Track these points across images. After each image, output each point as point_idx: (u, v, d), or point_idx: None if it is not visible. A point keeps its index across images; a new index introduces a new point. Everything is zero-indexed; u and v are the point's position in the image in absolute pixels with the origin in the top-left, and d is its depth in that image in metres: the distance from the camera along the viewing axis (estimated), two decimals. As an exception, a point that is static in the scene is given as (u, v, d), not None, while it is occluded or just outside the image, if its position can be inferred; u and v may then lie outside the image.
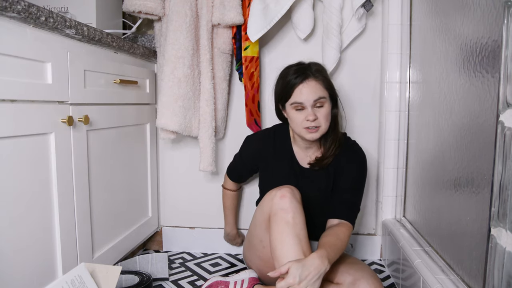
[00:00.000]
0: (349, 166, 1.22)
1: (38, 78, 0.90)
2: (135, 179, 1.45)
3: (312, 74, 1.17)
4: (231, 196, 1.53)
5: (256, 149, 1.34)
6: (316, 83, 1.16)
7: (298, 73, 1.17)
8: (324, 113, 1.16)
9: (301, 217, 1.06)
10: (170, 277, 1.43)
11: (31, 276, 0.89)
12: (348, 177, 1.22)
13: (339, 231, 1.12)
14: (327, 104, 1.17)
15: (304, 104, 1.15)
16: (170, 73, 1.37)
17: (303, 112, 1.16)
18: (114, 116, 1.26)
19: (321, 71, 1.19)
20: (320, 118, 1.15)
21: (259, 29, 1.38)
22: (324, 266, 0.97)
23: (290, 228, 1.03)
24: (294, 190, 1.11)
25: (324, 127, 1.17)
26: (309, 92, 1.14)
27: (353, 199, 1.21)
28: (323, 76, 1.19)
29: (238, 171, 1.45)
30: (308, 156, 1.27)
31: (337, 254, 1.05)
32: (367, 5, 1.40)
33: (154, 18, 1.50)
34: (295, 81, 1.16)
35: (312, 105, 1.15)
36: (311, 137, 1.17)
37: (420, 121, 1.37)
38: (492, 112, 0.81)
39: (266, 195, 1.14)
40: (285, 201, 1.06)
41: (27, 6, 0.84)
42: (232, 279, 1.24)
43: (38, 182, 0.91)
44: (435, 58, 1.19)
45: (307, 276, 0.93)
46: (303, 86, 1.15)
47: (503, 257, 0.77)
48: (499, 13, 0.78)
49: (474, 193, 0.90)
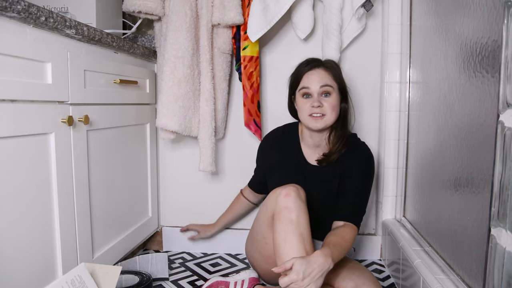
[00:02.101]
0: (356, 168, 1.21)
1: (38, 78, 0.90)
2: (135, 179, 1.45)
3: (323, 64, 1.21)
4: (243, 203, 1.53)
5: (265, 147, 1.35)
6: (325, 72, 1.19)
7: (310, 62, 1.21)
8: (331, 102, 1.16)
9: (305, 216, 1.06)
10: (170, 277, 1.43)
11: (31, 276, 0.89)
12: (354, 179, 1.20)
13: (344, 232, 1.12)
14: (335, 95, 1.18)
15: (311, 90, 1.17)
16: (170, 73, 1.37)
17: (310, 99, 1.18)
18: (114, 116, 1.26)
19: (333, 66, 1.22)
20: (326, 107, 1.16)
21: (259, 29, 1.38)
22: (328, 264, 0.97)
23: (294, 226, 1.03)
24: (299, 189, 1.11)
25: (329, 116, 1.16)
26: (317, 78, 1.17)
27: (359, 202, 1.20)
28: (334, 69, 1.21)
29: (254, 177, 1.46)
30: (316, 153, 1.26)
31: (341, 254, 1.05)
32: (367, 5, 1.40)
33: (154, 18, 1.50)
34: (305, 68, 1.20)
35: (318, 93, 1.17)
36: (315, 125, 1.16)
37: (420, 121, 1.37)
38: (492, 112, 0.81)
39: (270, 193, 1.14)
40: (290, 200, 1.06)
41: (27, 6, 0.84)
42: (232, 279, 1.24)
43: (38, 182, 0.91)
44: (435, 58, 1.19)
45: (311, 273, 0.93)
46: (312, 72, 1.19)
47: (503, 257, 0.77)
48: (499, 13, 0.78)
49: (474, 193, 0.90)
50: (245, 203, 1.53)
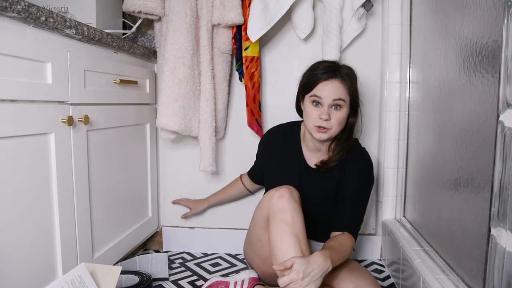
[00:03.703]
0: (354, 177, 1.19)
1: (38, 78, 0.90)
2: (135, 179, 1.45)
3: (341, 75, 1.15)
4: (239, 188, 1.56)
5: (265, 144, 1.36)
6: (341, 85, 1.14)
7: (327, 70, 1.16)
8: (340, 117, 1.14)
9: (300, 217, 1.06)
10: (170, 277, 1.43)
11: (31, 276, 0.89)
12: (352, 188, 1.19)
13: (343, 240, 1.12)
14: (345, 109, 1.15)
15: (322, 100, 1.14)
16: (170, 73, 1.37)
17: (319, 109, 1.15)
18: (114, 116, 1.26)
19: (350, 76, 1.17)
20: (333, 121, 1.14)
21: (259, 29, 1.38)
22: (327, 265, 0.96)
23: (289, 228, 1.03)
24: (293, 190, 1.11)
25: (334, 130, 1.15)
26: (331, 90, 1.13)
27: (356, 212, 1.19)
28: (350, 82, 1.16)
29: (254, 168, 1.49)
30: (315, 157, 1.26)
31: (339, 259, 1.04)
32: (367, 5, 1.40)
33: (154, 18, 1.50)
34: (322, 76, 1.15)
35: (329, 105, 1.14)
36: (319, 136, 1.15)
37: (420, 121, 1.37)
38: (492, 112, 0.81)
39: (264, 196, 1.14)
40: (284, 201, 1.06)
41: (27, 6, 0.84)
42: (232, 279, 1.24)
43: (38, 182, 0.91)
44: (435, 58, 1.19)
45: (311, 272, 0.93)
46: (328, 83, 1.14)
47: (503, 257, 0.77)
48: (499, 13, 0.78)
49: (474, 193, 0.90)
50: (241, 188, 1.56)
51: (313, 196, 1.22)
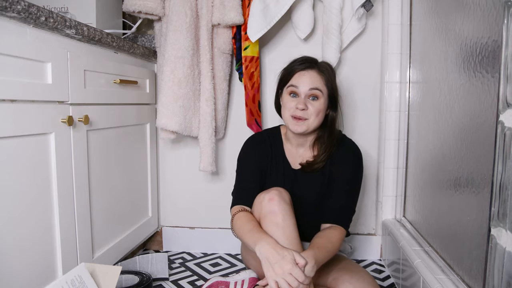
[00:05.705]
0: (343, 168, 1.18)
1: (38, 78, 0.90)
2: (135, 179, 1.45)
3: (318, 67, 1.16)
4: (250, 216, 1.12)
5: (247, 153, 1.25)
6: (317, 75, 1.15)
7: (304, 61, 1.17)
8: (317, 107, 1.13)
9: (291, 219, 1.04)
10: (170, 277, 1.43)
11: (31, 275, 0.89)
12: (342, 179, 1.17)
13: (331, 234, 1.10)
14: (323, 100, 1.14)
15: (299, 89, 1.13)
16: (170, 73, 1.37)
17: (296, 99, 1.14)
18: (114, 116, 1.26)
19: (328, 70, 1.17)
20: (310, 111, 1.13)
21: (259, 29, 1.38)
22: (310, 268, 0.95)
23: (280, 230, 1.02)
24: (283, 192, 1.08)
25: (312, 121, 1.14)
26: (308, 79, 1.13)
27: (347, 203, 1.17)
28: (328, 75, 1.17)
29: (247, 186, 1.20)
30: (299, 155, 1.24)
31: (326, 257, 1.03)
32: (367, 5, 1.40)
33: (154, 18, 1.50)
34: (299, 66, 1.16)
35: (306, 95, 1.13)
36: (296, 129, 1.14)
37: (420, 121, 1.37)
38: (492, 112, 0.81)
39: (256, 199, 1.11)
40: (274, 204, 1.04)
41: (27, 6, 0.84)
42: (232, 279, 1.24)
43: (38, 182, 0.91)
44: (435, 58, 1.19)
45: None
46: (304, 72, 1.15)
47: (503, 257, 0.77)
48: (499, 13, 0.78)
49: (474, 193, 0.90)
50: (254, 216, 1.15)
51: (304, 199, 1.20)
